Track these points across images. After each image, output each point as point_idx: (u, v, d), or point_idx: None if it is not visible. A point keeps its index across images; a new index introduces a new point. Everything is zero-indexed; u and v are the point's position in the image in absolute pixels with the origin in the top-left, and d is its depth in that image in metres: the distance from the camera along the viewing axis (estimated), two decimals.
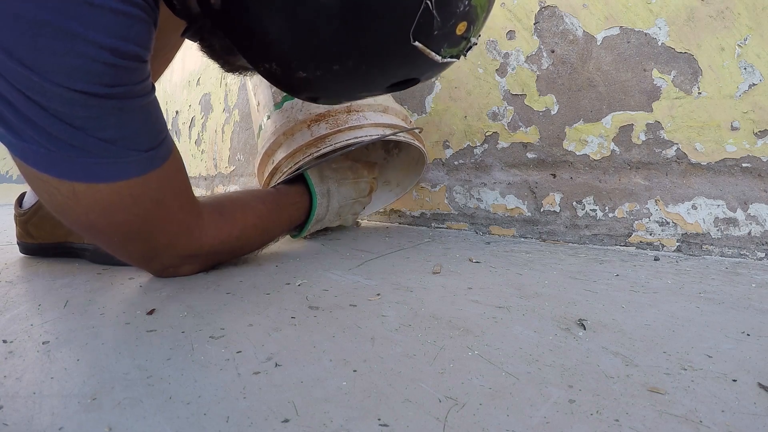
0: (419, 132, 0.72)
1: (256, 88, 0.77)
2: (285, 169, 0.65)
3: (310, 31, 0.32)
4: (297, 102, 0.67)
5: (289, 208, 0.61)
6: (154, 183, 0.40)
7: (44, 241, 0.65)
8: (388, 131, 0.64)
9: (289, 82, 0.38)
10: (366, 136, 0.62)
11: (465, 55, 0.35)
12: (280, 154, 0.67)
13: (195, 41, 0.44)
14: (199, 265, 0.51)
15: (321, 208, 0.65)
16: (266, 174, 0.69)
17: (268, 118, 0.71)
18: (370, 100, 0.67)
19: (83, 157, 0.35)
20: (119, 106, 0.35)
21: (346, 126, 0.63)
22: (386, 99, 0.72)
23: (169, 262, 0.48)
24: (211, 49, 0.45)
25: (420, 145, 0.71)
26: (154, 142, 0.40)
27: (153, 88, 0.39)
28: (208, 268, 0.53)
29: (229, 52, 0.45)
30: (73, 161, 0.35)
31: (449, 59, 0.33)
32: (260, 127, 0.74)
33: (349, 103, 0.64)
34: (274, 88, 0.70)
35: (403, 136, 0.66)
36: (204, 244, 0.48)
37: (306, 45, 0.33)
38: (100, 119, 0.35)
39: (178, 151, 0.44)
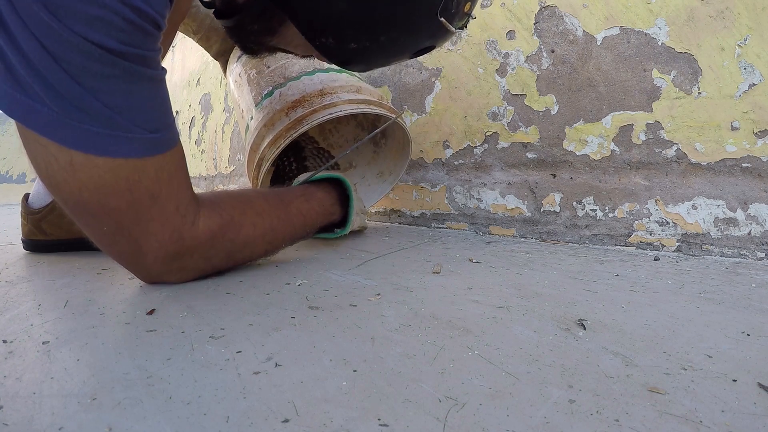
0: (401, 116, 0.75)
1: (239, 97, 0.79)
2: (268, 157, 0.67)
3: (368, 10, 0.40)
4: (274, 96, 0.71)
5: (294, 202, 0.57)
6: (152, 171, 0.39)
7: (59, 237, 0.67)
8: (363, 106, 0.68)
9: (338, 53, 0.44)
10: (340, 111, 0.66)
11: (466, 27, 0.46)
12: (263, 145, 0.69)
13: (229, 26, 0.48)
14: (192, 266, 0.47)
15: (356, 200, 0.66)
16: (254, 167, 0.71)
17: (252, 118, 0.74)
18: (343, 83, 0.71)
19: (87, 124, 0.35)
20: (130, 70, 0.35)
21: (321, 105, 0.67)
22: (358, 81, 0.75)
23: (158, 267, 0.44)
24: (246, 32, 0.48)
25: (396, 118, 0.73)
26: (158, 125, 0.39)
27: (164, 70, 0.39)
28: (204, 272, 0.49)
29: (268, 33, 0.48)
30: (76, 127, 0.35)
31: (457, 30, 0.44)
32: (246, 128, 0.76)
33: (322, 87, 0.70)
34: (255, 92, 0.74)
35: (379, 110, 0.69)
36: (199, 244, 0.45)
37: (362, 21, 0.41)
38: (110, 81, 0.35)
39: (182, 148, 0.43)
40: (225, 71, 0.88)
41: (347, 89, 0.71)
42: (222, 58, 0.87)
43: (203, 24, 0.79)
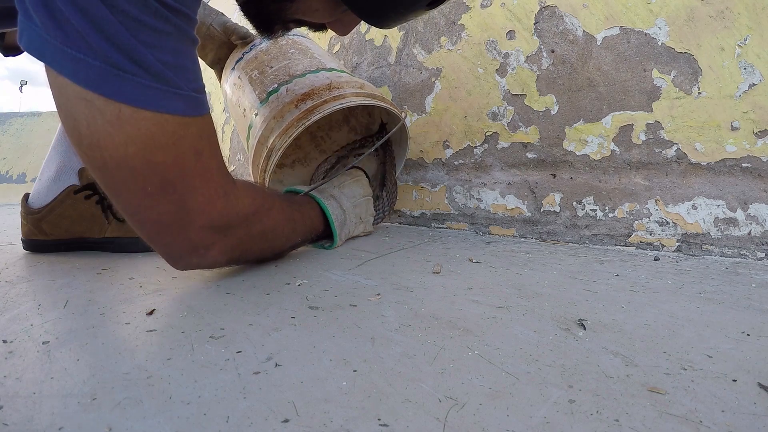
0: (405, 117, 0.78)
1: (240, 97, 0.80)
2: (279, 147, 0.69)
3: None
4: (281, 92, 0.73)
5: (304, 205, 0.62)
6: (195, 130, 0.41)
7: (59, 237, 0.67)
8: (369, 99, 0.71)
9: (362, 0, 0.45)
10: (350, 102, 0.69)
11: None
12: (272, 137, 0.70)
13: None
14: (231, 244, 0.47)
15: (333, 209, 0.67)
16: (262, 159, 0.71)
17: (256, 115, 0.74)
18: (347, 79, 0.74)
19: (138, 77, 0.36)
20: (181, 28, 0.38)
21: (330, 97, 0.70)
22: (360, 79, 0.78)
23: (201, 237, 0.44)
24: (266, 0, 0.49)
25: (398, 112, 0.75)
26: (199, 87, 0.41)
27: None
28: (237, 255, 0.49)
29: None
30: (128, 79, 0.36)
31: None
32: (250, 126, 0.76)
33: (329, 81, 0.72)
34: (258, 90, 0.75)
35: (384, 104, 0.73)
36: (240, 212, 0.46)
37: None
38: (162, 37, 0.36)
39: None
40: (220, 79, 0.89)
41: (352, 85, 0.73)
42: (217, 66, 0.87)
43: (198, 32, 0.80)
